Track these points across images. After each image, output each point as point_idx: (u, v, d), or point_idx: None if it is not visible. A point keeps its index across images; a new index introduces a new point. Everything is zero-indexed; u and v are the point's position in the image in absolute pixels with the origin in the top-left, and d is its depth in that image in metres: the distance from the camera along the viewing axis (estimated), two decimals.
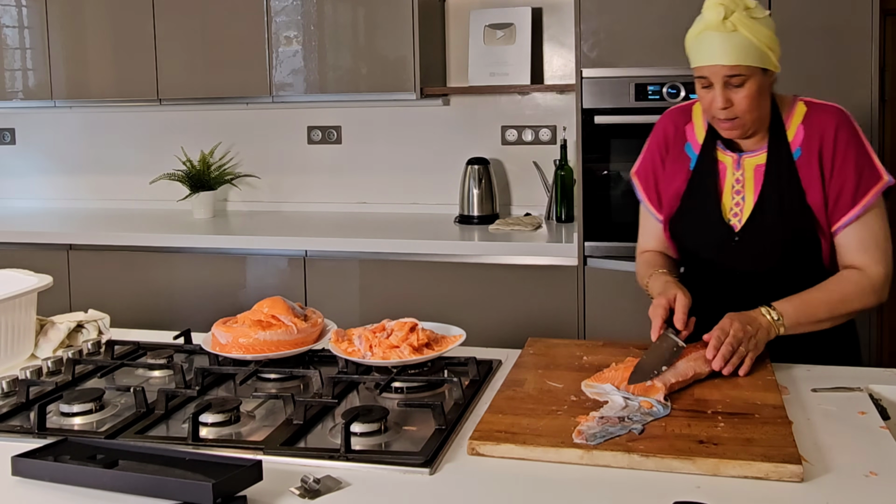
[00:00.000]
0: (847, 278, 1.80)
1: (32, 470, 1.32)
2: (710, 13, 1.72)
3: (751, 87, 1.74)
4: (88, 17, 3.85)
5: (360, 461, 1.36)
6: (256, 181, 4.13)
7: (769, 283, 1.84)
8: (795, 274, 1.83)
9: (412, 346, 1.73)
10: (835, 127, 1.80)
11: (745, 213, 1.86)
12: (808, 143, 1.82)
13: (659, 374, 1.58)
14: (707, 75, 1.76)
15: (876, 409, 1.54)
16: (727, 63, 1.72)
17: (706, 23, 1.73)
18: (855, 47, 2.77)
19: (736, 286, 1.89)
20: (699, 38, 1.75)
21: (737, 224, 1.87)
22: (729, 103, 1.76)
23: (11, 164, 4.49)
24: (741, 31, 1.70)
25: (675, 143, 1.96)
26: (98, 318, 2.10)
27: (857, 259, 1.80)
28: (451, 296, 3.23)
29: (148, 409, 1.58)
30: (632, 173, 2.05)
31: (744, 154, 1.87)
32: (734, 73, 1.73)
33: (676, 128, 1.97)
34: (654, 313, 1.74)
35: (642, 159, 2.03)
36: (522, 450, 1.37)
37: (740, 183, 1.87)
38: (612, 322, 3.04)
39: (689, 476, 1.30)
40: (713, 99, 1.77)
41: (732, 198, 1.88)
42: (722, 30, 1.71)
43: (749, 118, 1.78)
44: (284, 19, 3.59)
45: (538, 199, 3.74)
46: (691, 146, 1.94)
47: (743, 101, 1.75)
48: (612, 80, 3.00)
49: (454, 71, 3.82)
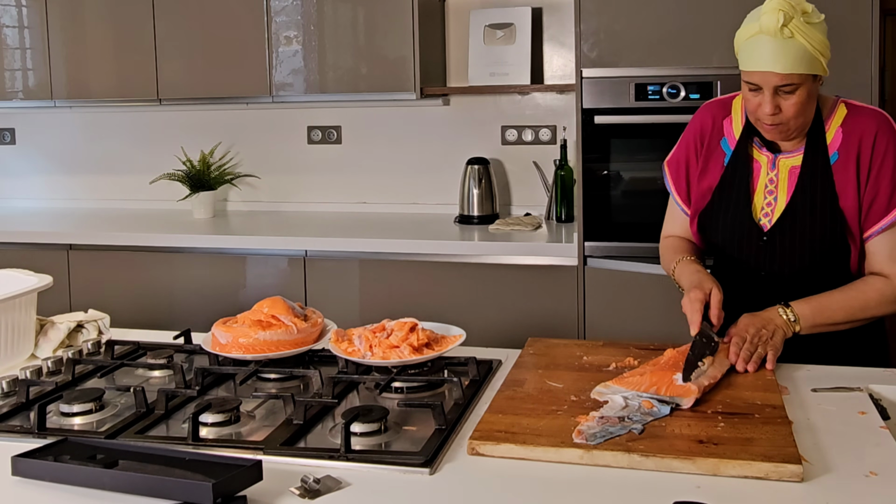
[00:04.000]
0: (871, 285, 1.78)
1: (32, 470, 1.32)
2: (768, 18, 1.66)
3: (801, 95, 1.71)
4: (88, 17, 3.85)
5: (360, 461, 1.36)
6: (256, 181, 4.13)
7: (795, 285, 1.83)
8: (822, 278, 1.81)
9: (412, 346, 1.73)
10: (875, 131, 1.78)
11: (776, 214, 1.84)
12: (846, 147, 1.79)
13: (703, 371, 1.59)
14: (758, 81, 1.71)
15: (876, 409, 1.54)
16: (782, 72, 1.67)
17: (763, 27, 1.67)
18: (855, 47, 2.77)
19: (762, 287, 1.87)
20: (753, 41, 1.70)
21: (766, 224, 1.85)
22: (777, 110, 1.72)
23: (11, 164, 4.49)
24: (797, 38, 1.66)
25: (711, 137, 1.93)
26: (98, 318, 2.10)
27: (886, 267, 1.79)
28: (451, 296, 3.23)
29: (148, 409, 1.58)
30: (664, 163, 2.03)
31: (780, 155, 1.85)
32: (787, 82, 1.69)
33: (714, 121, 1.94)
34: (691, 308, 1.71)
35: (676, 150, 2.00)
36: (522, 450, 1.37)
37: (773, 183, 1.85)
38: (612, 322, 3.04)
39: (689, 476, 1.30)
40: (761, 104, 1.73)
41: (765, 197, 1.86)
42: (779, 36, 1.66)
43: (795, 124, 1.76)
44: (284, 19, 3.59)
45: (538, 199, 3.74)
46: (727, 141, 1.91)
47: (792, 108, 1.72)
48: (612, 80, 3.00)
49: (454, 71, 3.82)
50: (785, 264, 1.85)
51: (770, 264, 1.86)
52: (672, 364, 1.63)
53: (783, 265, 1.85)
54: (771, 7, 1.67)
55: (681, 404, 1.50)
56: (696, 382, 1.55)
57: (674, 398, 1.51)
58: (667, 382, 1.55)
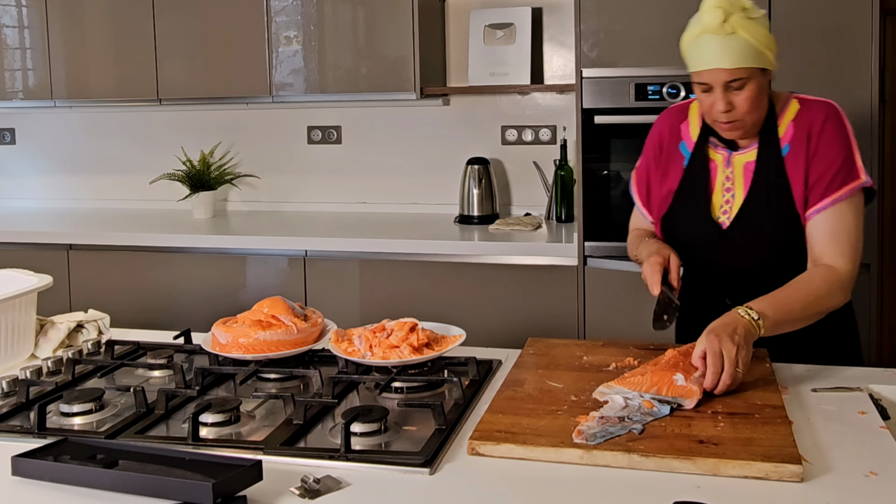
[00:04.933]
0: (817, 274, 1.76)
1: (32, 470, 1.32)
2: (708, 16, 1.70)
3: (751, 89, 1.74)
4: (88, 17, 3.85)
5: (360, 461, 1.36)
6: (256, 181, 4.13)
7: (758, 280, 1.84)
8: (784, 272, 1.81)
9: (412, 346, 1.73)
10: (823, 119, 1.80)
11: (734, 211, 1.86)
12: (797, 139, 1.82)
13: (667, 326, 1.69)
14: (707, 80, 1.74)
15: (876, 409, 1.54)
16: (728, 67, 1.70)
17: (704, 26, 1.70)
18: (855, 47, 2.77)
19: (726, 283, 1.89)
20: (697, 42, 1.73)
21: (725, 221, 1.87)
22: (730, 106, 1.75)
23: (11, 164, 4.49)
24: (740, 32, 1.69)
25: (669, 142, 1.97)
26: (98, 318, 2.10)
27: (826, 251, 1.77)
28: (451, 296, 3.23)
29: (148, 409, 1.58)
30: (633, 170, 2.08)
31: (734, 152, 1.87)
32: (735, 77, 1.71)
33: (672, 127, 1.98)
34: (651, 270, 1.79)
35: (640, 158, 2.05)
36: (522, 450, 1.37)
37: (730, 180, 1.88)
38: (612, 322, 3.04)
39: (689, 476, 1.30)
40: (714, 103, 1.76)
41: (723, 195, 1.88)
42: (721, 33, 1.69)
43: (750, 119, 1.79)
44: (284, 19, 3.59)
45: (538, 199, 3.74)
46: (685, 145, 1.94)
47: (744, 103, 1.75)
48: (612, 80, 3.00)
49: (454, 71, 3.82)
50: (746, 260, 1.86)
51: (732, 261, 1.88)
52: (673, 364, 1.63)
53: (744, 261, 1.86)
54: (710, 6, 1.70)
55: (683, 405, 1.50)
56: (696, 382, 1.55)
57: (676, 399, 1.51)
58: (668, 382, 1.55)
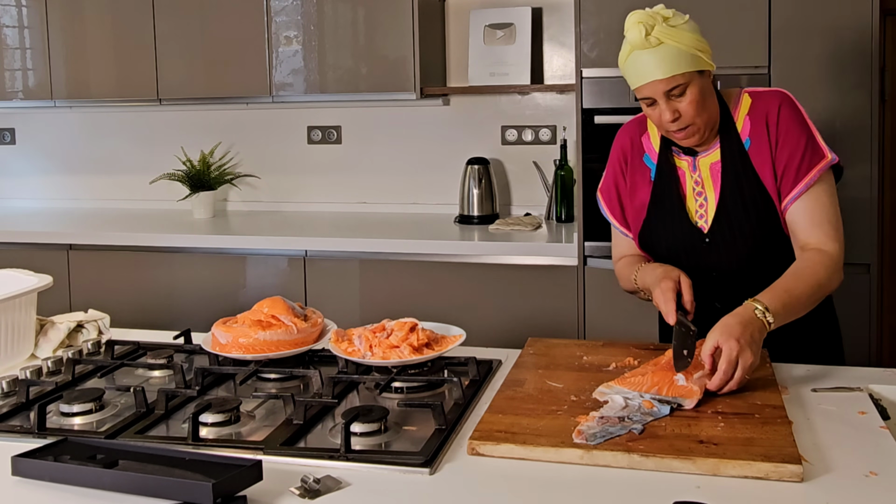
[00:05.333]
0: (815, 260, 1.75)
1: (32, 470, 1.32)
2: (631, 33, 1.74)
3: (693, 93, 1.75)
4: (88, 17, 3.85)
5: (360, 461, 1.36)
6: (256, 181, 4.13)
7: (745, 279, 1.84)
8: (771, 268, 1.80)
9: (412, 346, 1.73)
10: (777, 106, 1.82)
11: (710, 213, 1.86)
12: (756, 130, 1.83)
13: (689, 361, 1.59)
14: (648, 94, 1.76)
15: (876, 409, 1.54)
16: (662, 77, 1.73)
17: (632, 43, 1.74)
18: (855, 47, 2.77)
19: (713, 287, 1.88)
20: (630, 60, 1.76)
21: (704, 226, 1.87)
22: (676, 114, 1.77)
23: (11, 164, 4.49)
24: (666, 42, 1.71)
25: (633, 156, 1.98)
26: (98, 318, 2.10)
27: (811, 236, 1.78)
28: (451, 296, 3.23)
29: (148, 409, 1.58)
30: (598, 191, 2.06)
31: (698, 155, 1.88)
32: (673, 85, 1.73)
33: (633, 141, 1.99)
34: (664, 298, 1.72)
35: (605, 177, 2.04)
36: (522, 450, 1.37)
37: (699, 184, 1.88)
38: (612, 322, 3.04)
39: (689, 476, 1.30)
40: (660, 114, 1.78)
41: (696, 200, 1.89)
42: (647, 46, 1.72)
43: (700, 122, 1.79)
44: (284, 19, 3.59)
45: (538, 199, 3.74)
46: (649, 157, 1.95)
47: (689, 108, 1.76)
48: (612, 80, 3.00)
49: (454, 71, 3.82)
50: (733, 260, 1.86)
51: (718, 263, 1.87)
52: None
53: (730, 261, 1.86)
54: (631, 23, 1.74)
55: (683, 405, 1.50)
56: (697, 382, 1.55)
57: (676, 399, 1.51)
58: (668, 382, 1.55)
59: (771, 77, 2.82)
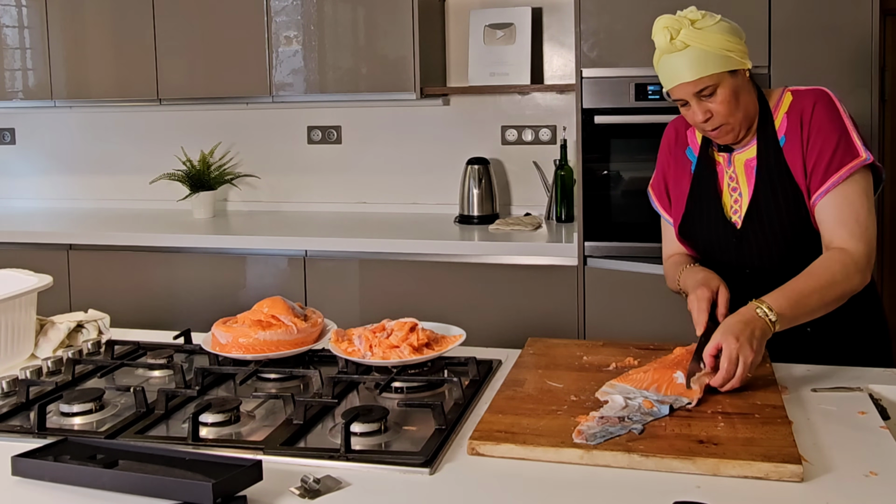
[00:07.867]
0: (831, 259, 1.74)
1: (32, 470, 1.32)
2: (658, 38, 1.76)
3: (724, 93, 1.76)
4: (88, 17, 3.85)
5: (360, 461, 1.36)
6: (256, 181, 4.13)
7: (779, 277, 1.80)
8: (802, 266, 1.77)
9: (412, 346, 1.73)
10: (813, 103, 1.82)
11: (744, 210, 1.86)
12: (792, 128, 1.83)
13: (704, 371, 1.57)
14: (680, 96, 1.79)
15: (876, 409, 1.54)
16: (689, 80, 1.74)
17: (660, 48, 1.77)
18: (855, 47, 2.77)
19: (746, 284, 1.86)
20: (660, 63, 1.79)
21: (738, 221, 1.88)
22: (708, 114, 1.78)
23: (11, 164, 4.49)
24: (693, 45, 1.73)
25: (677, 149, 2.00)
26: (98, 318, 2.10)
27: (836, 234, 1.76)
28: (451, 296, 3.22)
29: (148, 409, 1.58)
30: (649, 187, 2.08)
31: (734, 152, 1.89)
32: (701, 87, 1.75)
33: (678, 133, 2.01)
34: (697, 307, 1.70)
35: (655, 173, 2.07)
36: (522, 450, 1.37)
37: (734, 180, 1.89)
38: (612, 322, 3.04)
39: (689, 476, 1.30)
40: (693, 114, 1.80)
41: (731, 195, 1.90)
42: (673, 50, 1.74)
43: (734, 121, 1.80)
44: (284, 19, 3.59)
45: (538, 199, 3.74)
46: (692, 150, 1.97)
47: (721, 108, 1.77)
48: (612, 80, 3.00)
49: (454, 71, 3.82)
50: (764, 258, 1.86)
51: (749, 260, 1.88)
52: (678, 362, 1.64)
53: (762, 259, 1.87)
54: (657, 28, 1.76)
55: (682, 403, 1.50)
56: (697, 382, 1.55)
57: (677, 397, 1.51)
58: (668, 381, 1.55)
59: (771, 77, 2.81)
